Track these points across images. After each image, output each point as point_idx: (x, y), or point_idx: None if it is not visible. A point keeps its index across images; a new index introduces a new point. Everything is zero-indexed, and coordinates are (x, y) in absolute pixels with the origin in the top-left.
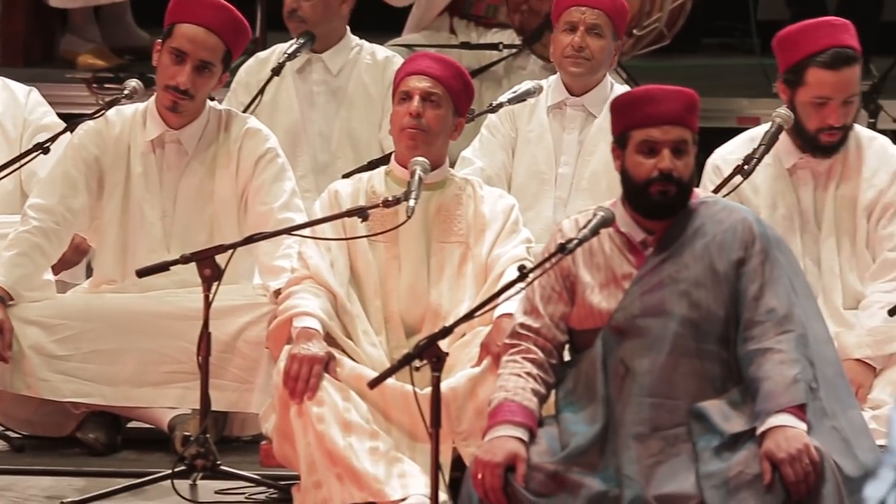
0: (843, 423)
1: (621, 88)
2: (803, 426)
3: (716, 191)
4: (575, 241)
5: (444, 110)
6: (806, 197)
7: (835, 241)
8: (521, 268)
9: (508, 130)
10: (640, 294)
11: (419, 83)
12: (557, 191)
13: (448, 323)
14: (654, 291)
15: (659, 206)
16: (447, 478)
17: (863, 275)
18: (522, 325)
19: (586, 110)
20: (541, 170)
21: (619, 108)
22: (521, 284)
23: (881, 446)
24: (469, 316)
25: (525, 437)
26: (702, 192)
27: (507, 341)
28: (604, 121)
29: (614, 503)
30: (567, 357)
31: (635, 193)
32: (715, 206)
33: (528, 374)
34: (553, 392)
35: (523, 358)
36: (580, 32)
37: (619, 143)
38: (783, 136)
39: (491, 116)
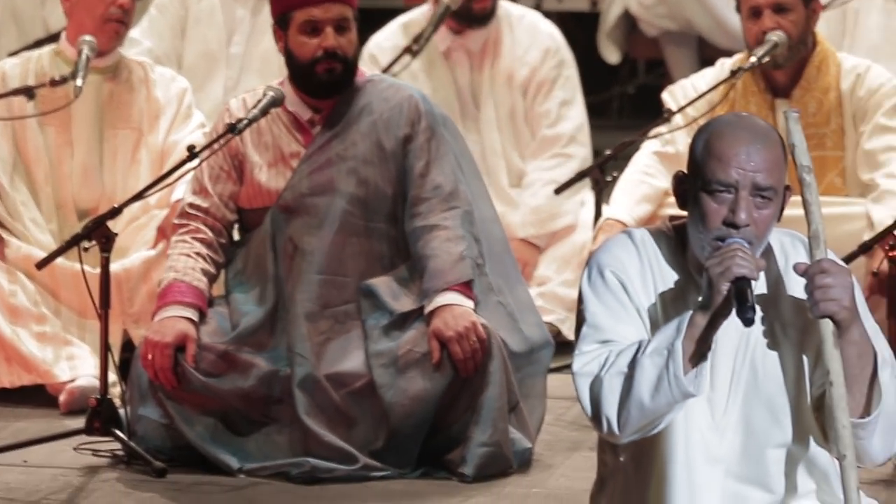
0: (510, 299)
1: None
2: (470, 304)
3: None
4: (245, 122)
5: None
6: (463, 78)
7: (494, 119)
8: (190, 147)
9: (178, 9)
10: (308, 172)
11: None
12: (228, 70)
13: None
14: (322, 170)
15: (326, 84)
16: (117, 359)
17: (524, 152)
18: (192, 206)
19: None
20: (212, 49)
21: None
22: (192, 164)
23: (548, 323)
24: (139, 196)
25: (195, 317)
26: (368, 71)
27: (176, 221)
28: None
29: (285, 382)
30: (237, 237)
31: (301, 73)
32: (381, 83)
33: (198, 254)
34: (223, 272)
35: (192, 238)
36: None
37: (281, 24)
38: None
39: None
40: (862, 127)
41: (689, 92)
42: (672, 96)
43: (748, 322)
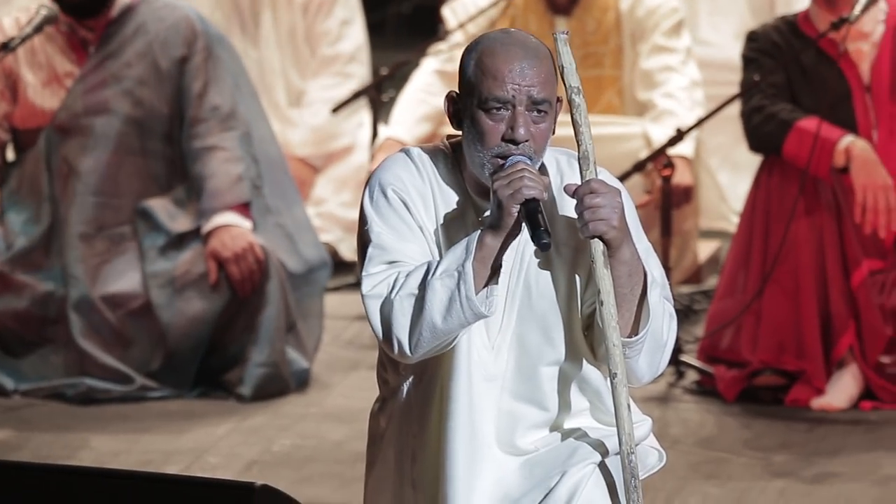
0: (287, 220)
1: None
2: (248, 224)
3: None
4: (17, 40)
5: None
6: None
7: (274, 37)
8: None
9: None
10: (82, 93)
11: None
12: None
13: None
14: (96, 90)
15: (72, 6)
16: None
17: (304, 72)
18: None
19: None
20: None
21: None
22: None
23: (325, 243)
24: None
25: None
26: None
27: None
28: None
29: (61, 303)
30: (12, 157)
31: None
32: (155, 2)
33: None
34: None
35: None
36: None
37: None
38: None
39: None
40: (639, 46)
41: (469, 9)
42: (453, 14)
43: (544, 247)
